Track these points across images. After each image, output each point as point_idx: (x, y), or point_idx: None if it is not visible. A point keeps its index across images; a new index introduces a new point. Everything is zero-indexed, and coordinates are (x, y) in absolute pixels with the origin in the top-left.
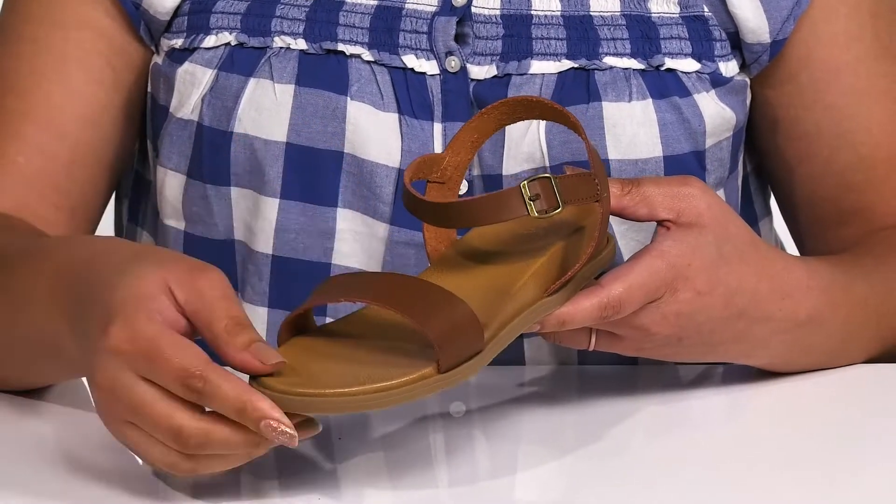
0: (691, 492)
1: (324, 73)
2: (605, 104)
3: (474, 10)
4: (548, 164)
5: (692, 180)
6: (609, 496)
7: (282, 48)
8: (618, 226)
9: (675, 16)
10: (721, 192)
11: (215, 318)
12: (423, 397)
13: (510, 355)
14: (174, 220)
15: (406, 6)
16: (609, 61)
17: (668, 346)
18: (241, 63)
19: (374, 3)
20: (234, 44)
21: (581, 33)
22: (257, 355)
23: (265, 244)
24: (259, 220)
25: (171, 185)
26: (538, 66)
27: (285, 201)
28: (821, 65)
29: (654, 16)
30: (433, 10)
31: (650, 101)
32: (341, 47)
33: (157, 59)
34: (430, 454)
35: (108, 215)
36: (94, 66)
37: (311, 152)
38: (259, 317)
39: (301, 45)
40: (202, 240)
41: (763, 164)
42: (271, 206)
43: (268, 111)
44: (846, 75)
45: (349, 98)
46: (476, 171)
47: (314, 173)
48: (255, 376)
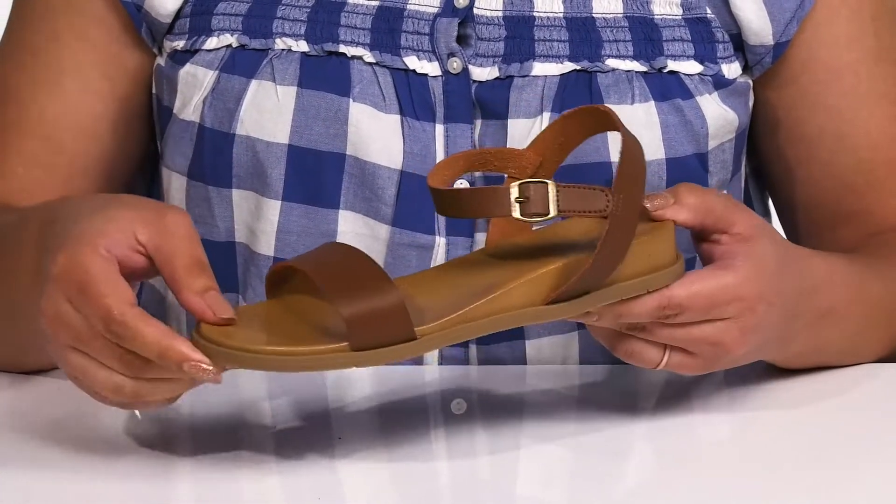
0: (691, 492)
1: (326, 75)
2: (607, 106)
3: (476, 11)
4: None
5: (713, 190)
6: (609, 496)
7: (283, 50)
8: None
9: (677, 18)
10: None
11: (177, 255)
12: (330, 369)
13: (511, 355)
14: None
15: (408, 7)
16: (611, 63)
17: (745, 358)
18: (242, 65)
19: (376, 4)
20: (235, 45)
21: (583, 35)
22: (210, 304)
23: (267, 246)
24: (261, 221)
25: (175, 186)
26: (540, 68)
27: (287, 203)
28: (822, 66)
29: (656, 18)
30: (435, 11)
31: (652, 103)
32: (343, 49)
33: (160, 61)
34: (431, 454)
35: None
36: (91, 77)
37: (313, 154)
38: None
39: (302, 46)
40: (204, 241)
41: (761, 165)
42: (273, 208)
43: (270, 113)
44: (847, 77)
45: (351, 100)
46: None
47: (316, 175)
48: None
